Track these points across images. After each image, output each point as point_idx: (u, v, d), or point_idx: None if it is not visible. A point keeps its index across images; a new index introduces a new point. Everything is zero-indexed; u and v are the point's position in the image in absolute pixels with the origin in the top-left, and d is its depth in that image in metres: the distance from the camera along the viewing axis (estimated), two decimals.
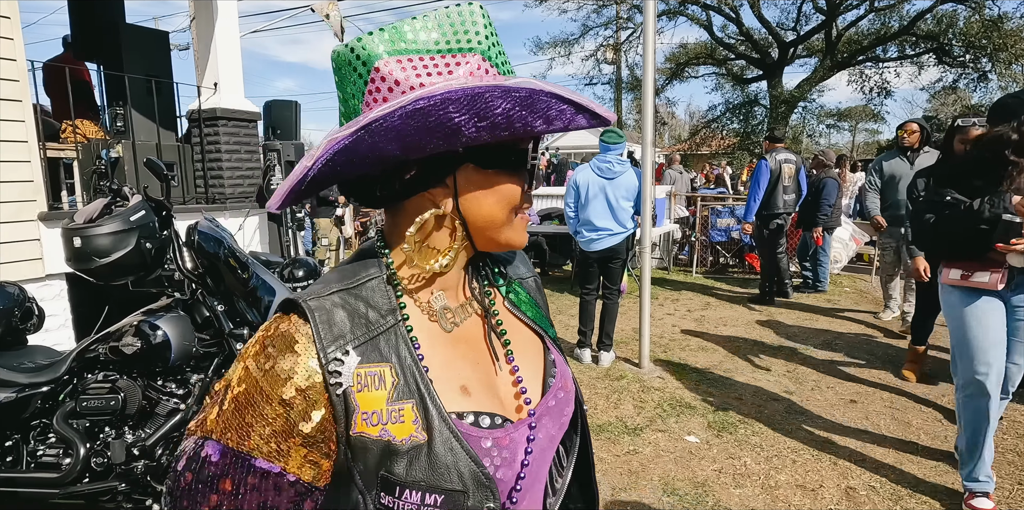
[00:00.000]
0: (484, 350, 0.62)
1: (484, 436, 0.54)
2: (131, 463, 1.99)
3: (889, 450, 2.77)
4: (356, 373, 0.51)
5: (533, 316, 0.69)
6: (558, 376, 0.65)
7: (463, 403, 0.55)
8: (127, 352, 2.06)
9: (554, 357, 0.67)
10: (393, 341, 0.54)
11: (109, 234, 1.82)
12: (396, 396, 0.52)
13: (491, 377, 0.60)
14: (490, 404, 0.57)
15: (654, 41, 3.66)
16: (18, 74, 3.34)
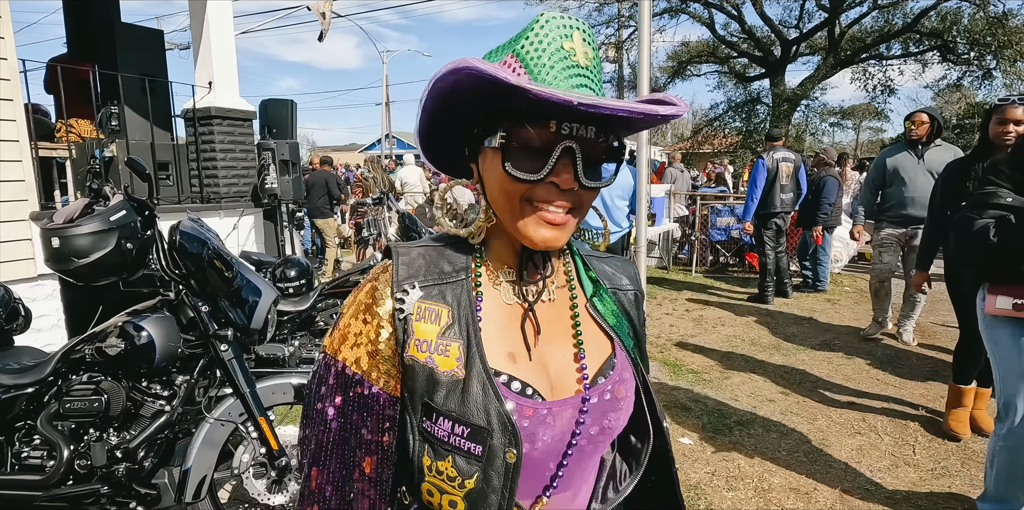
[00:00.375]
0: (545, 330, 0.65)
1: (509, 397, 0.59)
2: (113, 465, 1.97)
3: (885, 453, 2.73)
4: (417, 305, 0.61)
5: (613, 324, 0.70)
6: (609, 381, 0.65)
7: (504, 365, 0.61)
8: (111, 353, 2.04)
9: (616, 363, 0.67)
10: (458, 292, 0.62)
11: (88, 234, 1.80)
12: (447, 334, 0.61)
13: (543, 355, 0.64)
14: (529, 376, 0.62)
15: (649, 38, 3.62)
16: (9, 73, 3.32)
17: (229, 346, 2.05)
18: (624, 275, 0.76)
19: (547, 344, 0.64)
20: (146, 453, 2.03)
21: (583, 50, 0.56)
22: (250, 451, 2.11)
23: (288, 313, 3.30)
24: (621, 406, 0.65)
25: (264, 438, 2.04)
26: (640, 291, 0.77)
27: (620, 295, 0.73)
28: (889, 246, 4.24)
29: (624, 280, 0.75)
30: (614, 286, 0.73)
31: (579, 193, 0.58)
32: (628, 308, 0.74)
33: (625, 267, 0.77)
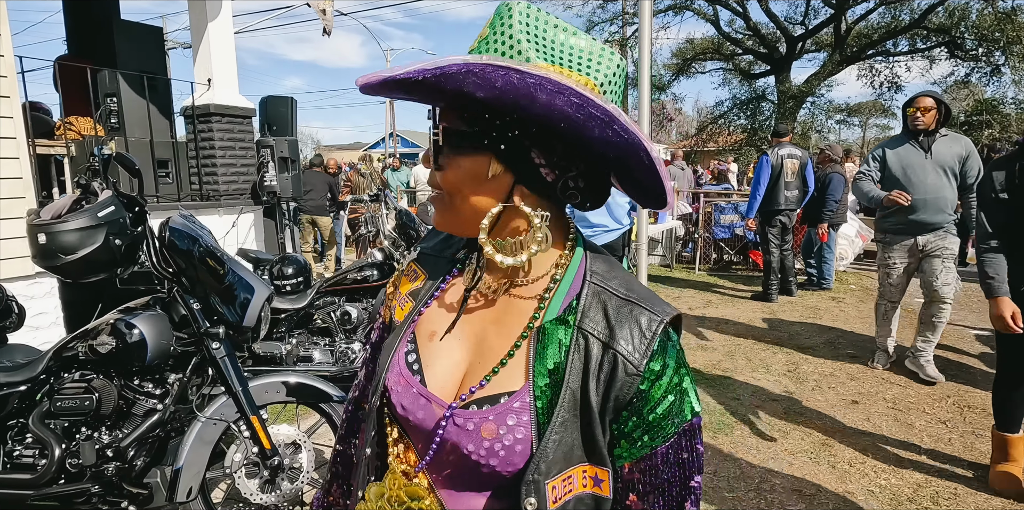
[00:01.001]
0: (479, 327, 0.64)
1: (397, 362, 0.66)
2: (103, 464, 1.95)
3: (890, 453, 2.68)
4: (409, 265, 0.73)
5: (539, 366, 0.58)
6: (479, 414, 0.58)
7: (422, 336, 0.66)
8: (102, 351, 2.02)
9: (503, 405, 0.58)
10: (440, 266, 0.70)
11: (75, 230, 1.77)
12: (410, 293, 0.70)
13: (455, 346, 0.64)
14: (427, 355, 0.65)
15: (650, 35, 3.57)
16: (6, 70, 3.31)
17: (221, 344, 2.02)
18: (631, 336, 0.57)
19: (469, 340, 0.63)
20: (137, 452, 2.01)
21: (489, 27, 0.57)
22: (242, 450, 2.09)
23: (285, 311, 3.28)
24: (484, 446, 0.57)
25: (256, 437, 2.02)
26: (639, 371, 0.56)
27: (591, 344, 0.57)
28: (897, 266, 3.54)
29: (626, 343, 0.57)
30: (593, 332, 0.57)
31: (437, 175, 0.60)
32: (594, 368, 0.56)
33: (644, 329, 0.57)
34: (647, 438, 0.57)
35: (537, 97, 0.49)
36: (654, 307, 0.59)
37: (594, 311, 0.58)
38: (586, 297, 0.59)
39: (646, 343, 0.56)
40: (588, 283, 0.60)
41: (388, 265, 3.36)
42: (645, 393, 0.56)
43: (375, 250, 3.53)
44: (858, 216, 6.96)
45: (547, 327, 0.59)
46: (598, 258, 0.64)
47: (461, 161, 0.57)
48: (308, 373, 2.46)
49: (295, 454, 2.18)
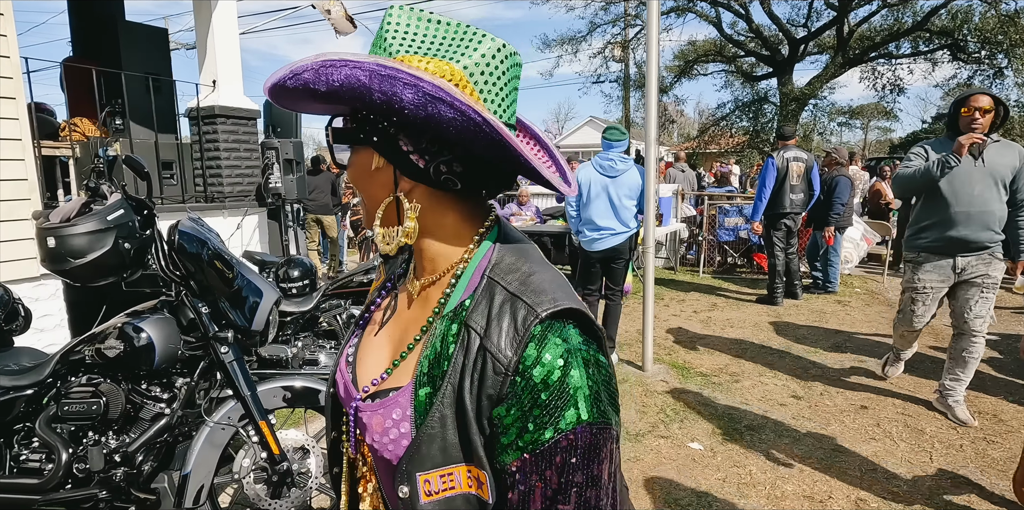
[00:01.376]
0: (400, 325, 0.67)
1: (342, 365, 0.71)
2: (111, 470, 1.93)
3: (902, 460, 2.66)
4: (379, 266, 0.78)
5: (426, 357, 0.58)
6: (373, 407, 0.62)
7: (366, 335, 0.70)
8: (110, 355, 2.00)
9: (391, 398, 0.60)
10: (394, 265, 0.74)
11: (84, 234, 1.76)
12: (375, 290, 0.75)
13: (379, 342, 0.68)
14: (362, 349, 0.69)
15: (657, 34, 3.56)
16: (12, 71, 3.30)
17: (230, 348, 2.01)
18: (503, 330, 0.54)
19: (394, 336, 0.66)
20: (145, 457, 1.99)
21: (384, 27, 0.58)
22: (251, 455, 2.07)
23: (291, 314, 3.26)
24: (375, 439, 0.60)
25: (265, 442, 2.00)
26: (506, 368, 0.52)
27: (472, 342, 0.55)
28: (927, 292, 2.96)
29: (497, 337, 0.53)
30: (475, 327, 0.55)
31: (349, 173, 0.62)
32: (470, 367, 0.54)
33: (520, 323, 0.54)
34: (519, 442, 0.52)
35: (372, 86, 0.50)
36: (536, 299, 0.55)
37: (482, 306, 0.56)
38: (480, 292, 0.57)
39: (518, 339, 0.53)
40: (486, 277, 0.58)
41: None
42: (518, 393, 0.52)
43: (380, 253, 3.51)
44: (863, 219, 6.94)
45: (437, 323, 0.59)
46: (508, 250, 0.61)
47: (352, 158, 0.61)
48: (315, 377, 2.44)
49: (303, 459, 2.16)
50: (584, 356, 0.54)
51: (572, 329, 0.55)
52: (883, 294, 6.05)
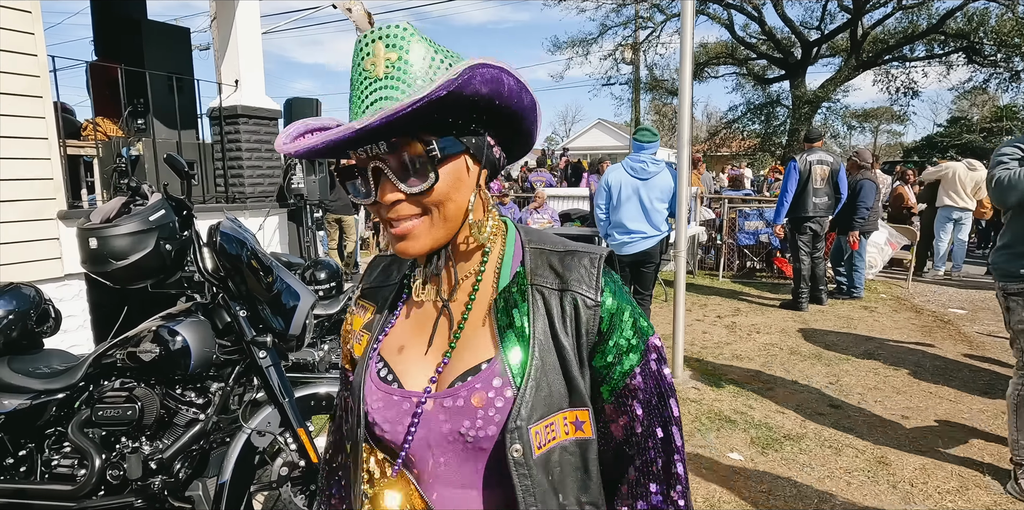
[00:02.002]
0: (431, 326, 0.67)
1: (370, 380, 0.68)
2: (147, 477, 1.87)
3: (952, 473, 2.57)
4: (357, 302, 0.77)
5: (506, 326, 0.63)
6: (465, 387, 0.62)
7: (390, 355, 0.68)
8: (145, 359, 1.95)
9: (484, 371, 0.61)
10: (387, 294, 0.73)
11: (127, 235, 1.70)
12: (365, 326, 0.73)
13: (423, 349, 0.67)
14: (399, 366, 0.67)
15: (691, 34, 3.49)
16: (38, 70, 3.27)
17: (268, 353, 1.95)
18: (581, 277, 0.64)
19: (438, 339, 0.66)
20: (181, 464, 1.93)
21: (383, 59, 0.56)
22: (288, 464, 2.01)
23: (318, 317, 3.20)
24: (479, 415, 0.60)
25: (304, 450, 1.94)
26: (597, 302, 0.63)
27: (549, 296, 0.63)
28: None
29: (578, 283, 0.63)
30: (545, 285, 0.64)
31: (416, 199, 0.59)
32: (558, 314, 0.62)
33: (589, 268, 0.64)
34: (624, 360, 0.63)
35: (503, 79, 0.55)
36: (589, 249, 0.66)
37: (542, 269, 0.65)
38: (531, 260, 0.66)
39: (594, 278, 0.64)
40: (528, 249, 0.67)
41: None
42: (609, 320, 0.62)
43: None
44: (888, 224, 6.84)
45: (502, 294, 0.64)
46: (527, 228, 0.71)
47: (444, 171, 0.58)
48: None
49: None
50: (624, 286, 0.67)
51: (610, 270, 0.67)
52: (909, 300, 5.95)
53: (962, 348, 4.31)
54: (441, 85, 0.50)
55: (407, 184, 0.57)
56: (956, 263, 7.12)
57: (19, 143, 3.20)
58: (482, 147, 0.60)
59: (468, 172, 0.60)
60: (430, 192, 0.57)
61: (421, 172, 0.57)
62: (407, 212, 0.59)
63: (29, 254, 3.27)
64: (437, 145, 0.56)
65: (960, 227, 6.89)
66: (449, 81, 0.50)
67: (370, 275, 0.77)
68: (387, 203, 0.58)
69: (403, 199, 0.58)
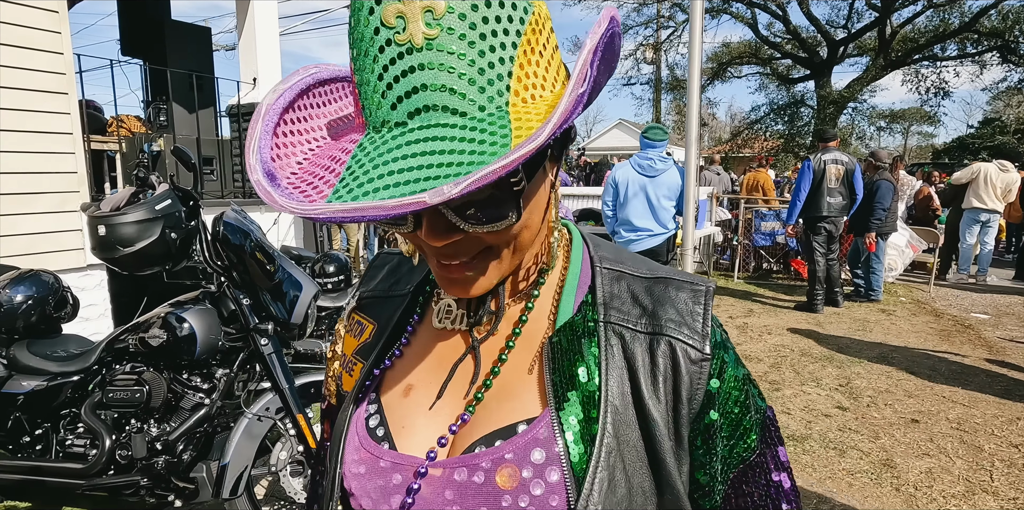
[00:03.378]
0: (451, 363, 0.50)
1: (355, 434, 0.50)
2: (152, 457, 1.95)
3: (959, 478, 2.51)
4: (351, 316, 0.58)
5: (561, 377, 0.44)
6: (488, 454, 0.43)
7: (391, 397, 0.51)
8: (153, 344, 2.03)
9: (521, 435, 0.43)
10: (391, 309, 0.54)
11: (134, 223, 1.78)
12: (359, 351, 0.54)
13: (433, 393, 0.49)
14: (398, 415, 0.50)
15: (700, 34, 3.47)
16: (64, 67, 3.40)
17: (269, 340, 2.01)
18: (681, 317, 0.45)
19: (454, 382, 0.48)
20: (185, 446, 2.00)
21: (422, 9, 0.34)
22: (287, 448, 2.07)
23: (326, 309, 3.27)
24: (505, 503, 0.42)
25: (302, 435, 1.99)
26: (706, 355, 0.45)
27: (632, 341, 0.45)
28: None
29: (677, 326, 0.45)
30: (627, 324, 0.46)
31: (474, 237, 0.40)
32: (645, 369, 0.44)
33: (692, 305, 0.46)
34: (740, 441, 0.46)
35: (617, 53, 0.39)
36: (686, 277, 0.48)
37: (619, 301, 0.47)
38: (603, 287, 0.48)
39: (700, 320, 0.46)
40: (600, 270, 0.49)
41: None
42: (720, 380, 0.45)
43: None
44: (909, 226, 6.68)
45: (562, 332, 0.46)
46: (596, 240, 0.52)
47: (530, 190, 0.41)
48: None
49: None
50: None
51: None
52: (929, 304, 5.80)
53: (981, 353, 4.20)
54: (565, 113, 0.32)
55: (472, 223, 0.39)
56: (981, 267, 6.92)
57: (45, 138, 3.34)
58: (565, 139, 0.43)
59: (545, 178, 0.43)
60: (508, 229, 0.40)
61: (496, 207, 0.39)
62: (467, 250, 0.41)
63: (54, 244, 3.40)
64: (525, 173, 0.38)
65: (987, 230, 6.70)
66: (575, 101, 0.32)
67: (371, 280, 0.58)
68: (436, 244, 0.40)
69: (458, 238, 0.40)
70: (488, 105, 0.36)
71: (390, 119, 0.36)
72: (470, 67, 0.35)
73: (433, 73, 0.35)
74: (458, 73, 0.35)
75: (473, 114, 0.35)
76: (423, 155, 0.34)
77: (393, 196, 0.32)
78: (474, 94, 0.35)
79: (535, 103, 0.37)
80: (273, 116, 0.42)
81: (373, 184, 0.33)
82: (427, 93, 0.35)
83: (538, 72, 0.38)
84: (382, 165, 0.34)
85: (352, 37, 0.37)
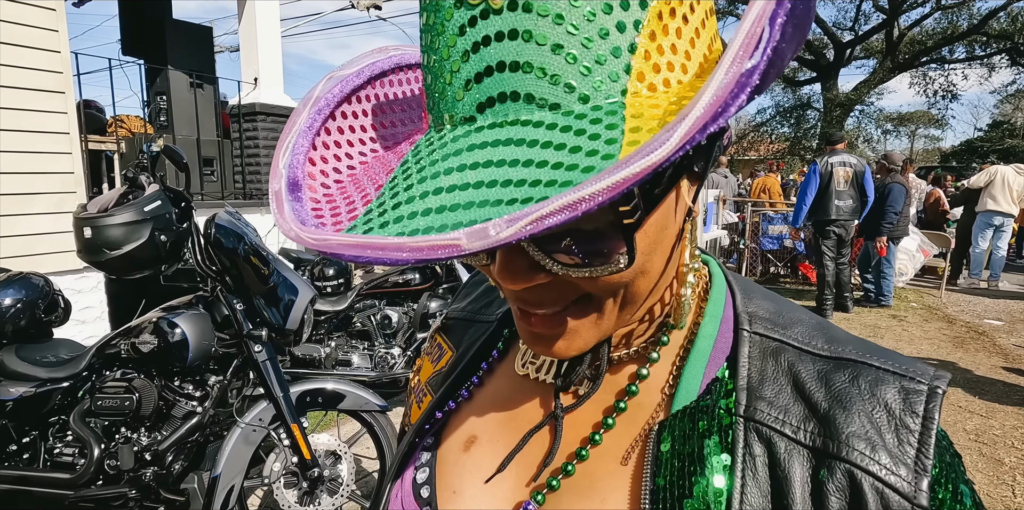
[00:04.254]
0: (526, 427, 0.39)
1: (405, 498, 0.41)
2: (141, 469, 1.88)
3: (980, 492, 2.41)
4: (434, 337, 0.50)
5: (666, 474, 0.33)
6: None
7: (450, 446, 0.42)
8: (144, 350, 1.96)
9: None
10: (476, 336, 0.46)
11: (121, 225, 1.71)
12: (432, 381, 0.47)
13: (499, 457, 0.39)
14: (453, 474, 0.40)
15: None
16: (62, 66, 3.35)
17: (263, 347, 1.94)
18: (879, 433, 0.31)
19: (528, 451, 0.39)
20: (175, 456, 1.94)
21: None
22: (281, 459, 1.99)
23: (325, 313, 3.21)
24: None
25: (296, 446, 1.92)
26: (920, 502, 0.30)
27: (788, 454, 0.32)
28: None
29: (867, 447, 0.31)
30: (780, 428, 0.32)
31: (567, 282, 0.30)
32: (802, 497, 0.31)
33: (901, 416, 0.31)
34: None
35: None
36: (903, 368, 0.32)
37: (773, 387, 0.33)
38: (750, 362, 0.34)
39: (915, 441, 0.30)
40: (747, 337, 0.35)
41: (430, 269, 3.26)
42: None
43: None
44: (920, 230, 6.58)
45: (677, 420, 0.34)
46: (749, 286, 0.38)
47: (652, 222, 0.30)
48: (348, 380, 2.36)
49: (335, 465, 2.08)
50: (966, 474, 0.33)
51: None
52: (941, 309, 5.69)
53: (997, 361, 4.09)
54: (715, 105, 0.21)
55: (562, 265, 0.29)
56: (994, 272, 6.80)
57: (42, 137, 3.29)
58: (709, 151, 0.30)
59: (677, 203, 0.32)
60: (604, 275, 0.29)
61: (598, 244, 0.28)
62: (557, 299, 0.32)
63: (51, 246, 3.35)
64: (642, 200, 0.27)
65: (1000, 234, 6.59)
66: (732, 83, 0.21)
67: (464, 297, 0.50)
68: (516, 289, 0.31)
69: (548, 281, 0.30)
70: (594, 94, 0.25)
71: (455, 112, 0.27)
72: (571, 35, 0.24)
73: (517, 45, 0.24)
74: (553, 44, 0.24)
75: (570, 107, 0.25)
76: (486, 166, 0.24)
77: (426, 231, 0.22)
78: (574, 76, 0.25)
79: (667, 92, 0.25)
80: (325, 108, 0.32)
81: (408, 207, 0.24)
82: (506, 75, 0.25)
83: (678, 46, 0.26)
84: (430, 179, 0.25)
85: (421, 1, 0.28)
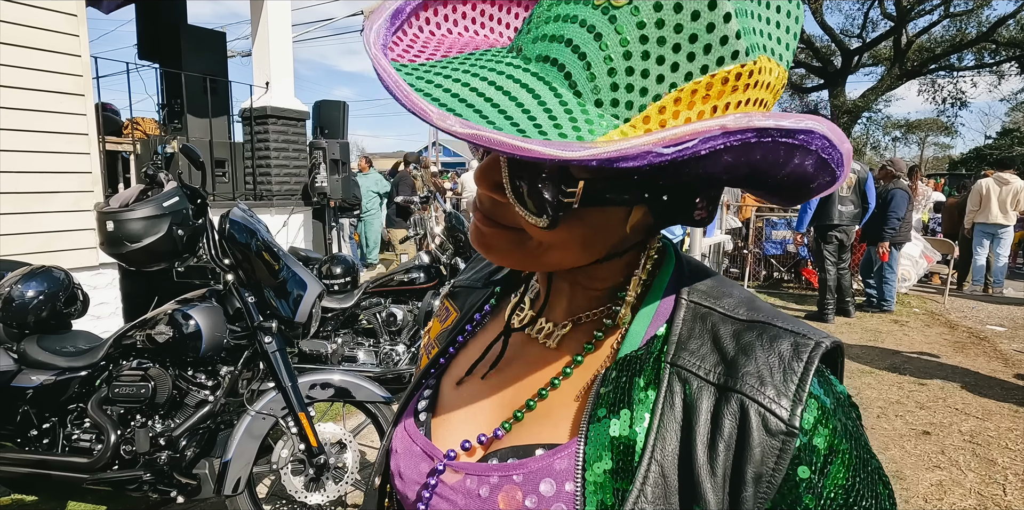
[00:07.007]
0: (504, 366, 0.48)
1: (405, 417, 0.51)
2: (156, 453, 1.96)
3: (970, 491, 2.45)
4: (443, 302, 0.59)
5: (600, 417, 0.38)
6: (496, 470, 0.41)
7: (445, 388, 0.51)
8: (159, 340, 2.05)
9: (536, 461, 0.40)
10: (476, 299, 0.55)
11: (141, 219, 1.81)
12: (439, 337, 0.55)
13: (481, 392, 0.48)
14: (445, 405, 0.50)
15: None
16: (82, 69, 3.48)
17: (273, 338, 2.02)
18: (768, 372, 0.36)
19: (501, 387, 0.46)
20: (188, 442, 2.02)
21: None
22: (289, 447, 2.07)
23: (332, 310, 3.29)
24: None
25: (303, 434, 2.00)
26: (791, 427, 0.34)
27: (698, 392, 0.37)
28: None
29: (757, 383, 0.36)
30: (695, 370, 0.38)
31: (513, 212, 0.38)
32: (704, 428, 0.36)
33: (789, 361, 0.36)
34: None
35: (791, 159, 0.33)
36: (800, 329, 0.38)
37: (697, 341, 0.39)
38: (682, 321, 0.40)
39: (794, 379, 0.35)
40: (685, 303, 0.41)
41: (435, 268, 3.34)
42: (812, 473, 0.34)
43: (422, 252, 3.52)
44: (923, 236, 6.60)
45: (618, 366, 0.39)
46: (697, 269, 0.44)
47: (586, 216, 0.37)
48: (352, 372, 2.44)
49: (340, 454, 2.15)
50: (858, 418, 0.39)
51: (835, 378, 0.39)
52: (943, 315, 5.70)
53: (997, 365, 4.11)
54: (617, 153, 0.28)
55: (512, 195, 0.37)
56: (997, 279, 6.80)
57: (62, 138, 3.41)
58: (678, 207, 0.37)
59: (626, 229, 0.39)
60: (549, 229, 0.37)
61: (537, 199, 0.35)
62: (500, 216, 0.40)
63: (68, 243, 3.46)
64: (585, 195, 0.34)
65: (999, 242, 6.60)
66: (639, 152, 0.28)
67: (470, 269, 0.60)
68: (480, 189, 0.40)
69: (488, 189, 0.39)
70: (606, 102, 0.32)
71: (523, 49, 0.34)
72: (625, 60, 0.31)
73: (585, 35, 0.32)
74: (606, 55, 0.31)
75: (585, 97, 0.32)
76: (500, 91, 0.32)
77: (432, 99, 0.31)
78: (603, 84, 0.32)
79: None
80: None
81: (441, 80, 0.33)
82: (566, 50, 0.32)
83: (691, 118, 0.33)
84: (471, 75, 0.33)
85: None
